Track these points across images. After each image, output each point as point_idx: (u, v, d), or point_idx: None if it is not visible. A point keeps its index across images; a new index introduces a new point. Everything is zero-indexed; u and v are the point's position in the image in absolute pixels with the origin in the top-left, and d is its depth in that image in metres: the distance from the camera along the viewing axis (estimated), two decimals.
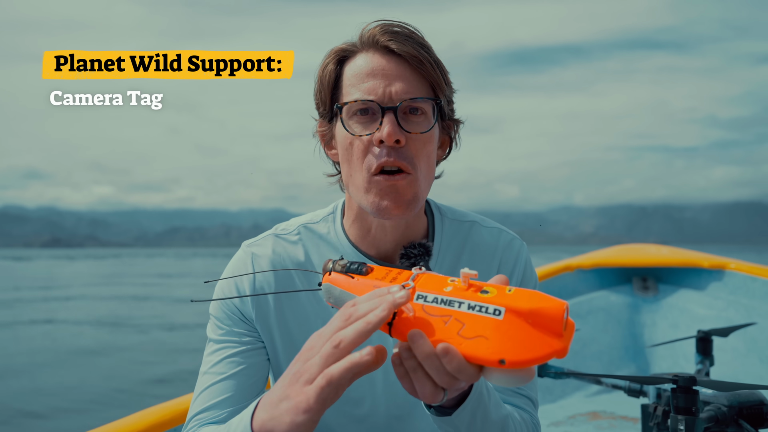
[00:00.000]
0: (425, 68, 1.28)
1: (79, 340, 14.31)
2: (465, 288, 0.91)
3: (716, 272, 4.35)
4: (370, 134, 1.27)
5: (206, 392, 1.33)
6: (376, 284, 0.99)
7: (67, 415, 8.17)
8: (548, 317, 0.83)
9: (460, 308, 0.88)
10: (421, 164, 1.29)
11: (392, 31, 1.29)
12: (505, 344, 0.83)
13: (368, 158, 1.27)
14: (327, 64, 1.33)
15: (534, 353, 0.82)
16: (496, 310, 0.85)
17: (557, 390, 3.68)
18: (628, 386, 2.04)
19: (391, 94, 1.26)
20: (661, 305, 4.42)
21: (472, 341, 0.85)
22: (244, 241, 1.47)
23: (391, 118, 1.25)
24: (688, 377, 1.60)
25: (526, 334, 0.83)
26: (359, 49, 1.32)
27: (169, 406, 2.06)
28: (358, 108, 1.27)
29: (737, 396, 1.69)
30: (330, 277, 1.06)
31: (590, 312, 4.29)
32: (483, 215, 1.55)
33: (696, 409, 1.59)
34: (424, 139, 1.29)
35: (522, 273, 1.48)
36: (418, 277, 0.97)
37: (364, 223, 1.39)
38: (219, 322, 1.40)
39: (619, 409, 3.34)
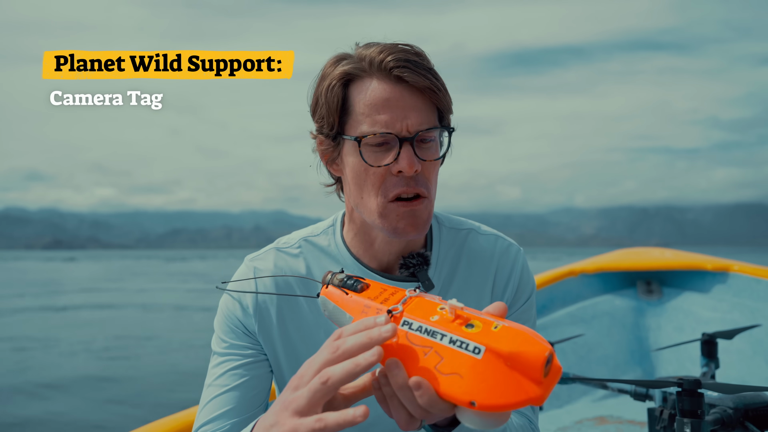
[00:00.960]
0: (436, 97, 1.30)
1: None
2: (452, 319, 0.89)
3: (720, 275, 4.34)
4: (388, 165, 1.29)
5: (210, 404, 1.36)
6: (367, 303, 0.99)
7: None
8: (528, 362, 0.80)
9: (442, 341, 0.87)
10: (432, 187, 1.33)
11: (405, 60, 1.29)
12: (478, 385, 0.82)
13: (385, 187, 1.30)
14: (333, 86, 1.32)
15: (507, 399, 0.80)
16: (476, 348, 0.83)
17: (564, 395, 3.67)
18: (634, 390, 2.03)
19: (408, 127, 1.27)
20: (665, 308, 4.41)
21: (447, 378, 0.84)
22: (247, 255, 1.50)
23: (409, 151, 1.27)
24: (693, 380, 1.60)
25: (503, 377, 0.81)
26: (367, 74, 1.31)
27: (176, 418, 2.08)
28: (374, 141, 1.29)
29: (743, 398, 1.68)
30: (327, 290, 1.06)
31: (595, 316, 4.28)
32: (484, 217, 1.57)
33: (701, 412, 1.59)
34: (435, 164, 1.33)
35: (519, 279, 1.48)
36: (410, 300, 0.96)
37: (367, 237, 1.41)
38: (223, 335, 1.43)
39: (626, 414, 3.32)
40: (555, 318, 4.12)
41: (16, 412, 8.51)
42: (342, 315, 1.02)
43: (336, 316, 1.04)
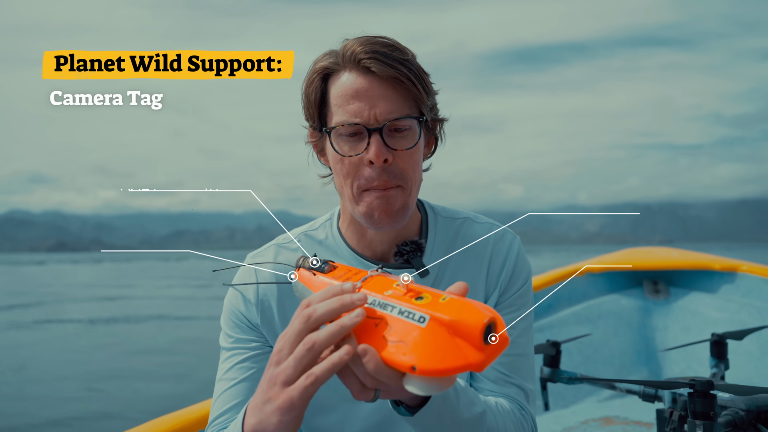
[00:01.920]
0: (406, 87, 1.32)
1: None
2: (404, 293, 0.94)
3: (728, 275, 4.31)
4: (359, 154, 1.32)
5: (221, 398, 1.42)
6: (330, 282, 1.06)
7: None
8: (468, 329, 0.84)
9: (392, 312, 0.92)
10: (410, 176, 1.35)
11: (373, 51, 1.31)
12: (420, 351, 0.85)
13: (358, 177, 1.34)
14: (313, 80, 1.37)
15: (446, 364, 0.84)
16: (421, 318, 0.88)
17: (570, 395, 3.65)
18: (643, 391, 2.01)
19: (376, 116, 1.31)
20: (672, 308, 4.38)
21: (393, 345, 0.88)
22: (249, 253, 1.55)
23: (378, 139, 1.30)
24: (705, 381, 1.58)
25: (444, 343, 0.85)
26: (341, 66, 1.35)
27: (188, 412, 2.11)
28: (345, 132, 1.33)
29: (755, 400, 1.66)
30: (299, 273, 1.15)
31: (601, 316, 4.26)
32: (487, 215, 1.61)
33: (714, 414, 1.57)
34: (411, 153, 1.35)
35: (513, 265, 1.51)
36: (370, 279, 1.01)
37: (359, 226, 1.46)
38: (228, 330, 1.49)
39: (633, 414, 3.31)
40: (561, 317, 4.10)
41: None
42: (308, 293, 1.10)
43: (304, 295, 1.12)
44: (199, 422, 2.04)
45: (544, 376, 2.37)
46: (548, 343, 2.42)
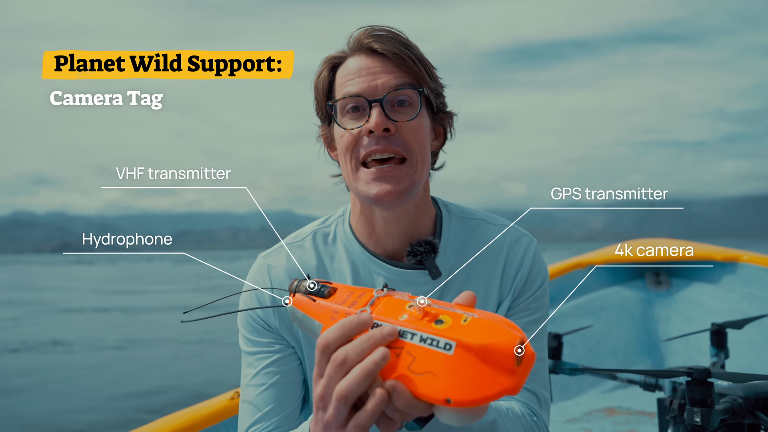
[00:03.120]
0: (407, 63, 1.34)
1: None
2: (420, 317, 0.89)
3: (729, 265, 4.31)
4: (360, 126, 1.33)
5: (251, 405, 1.40)
6: (336, 308, 0.98)
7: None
8: (499, 353, 0.80)
9: (413, 340, 0.86)
10: (415, 150, 1.34)
11: (375, 34, 1.36)
12: (452, 382, 0.81)
13: (357, 148, 1.34)
14: (321, 72, 1.41)
15: (481, 393, 0.80)
16: (446, 345, 0.83)
17: (573, 387, 3.66)
18: (644, 381, 2.02)
19: (377, 87, 1.33)
20: (674, 299, 4.39)
21: (421, 377, 0.83)
22: (261, 252, 1.53)
23: (378, 110, 1.31)
24: (703, 369, 1.59)
25: (476, 371, 0.81)
26: (348, 54, 1.39)
27: (197, 408, 2.13)
28: (348, 104, 1.35)
29: (753, 387, 1.67)
30: (295, 299, 1.05)
31: (603, 308, 4.27)
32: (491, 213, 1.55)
33: (711, 401, 1.58)
34: (414, 126, 1.34)
35: (529, 268, 1.47)
36: (377, 302, 0.95)
37: (368, 220, 1.43)
38: (248, 334, 1.46)
39: (636, 405, 3.32)
40: (564, 310, 4.11)
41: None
42: (311, 323, 1.01)
43: (305, 324, 1.03)
44: (201, 421, 2.04)
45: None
46: (550, 335, 2.44)
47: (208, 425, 2.05)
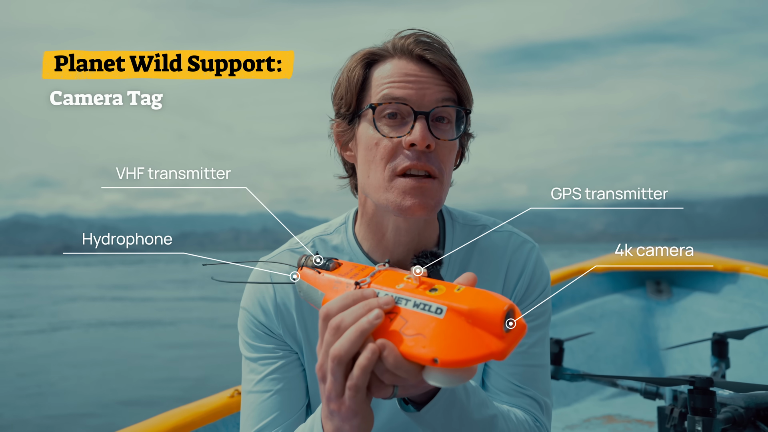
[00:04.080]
0: (456, 80, 1.29)
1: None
2: (416, 285, 0.93)
3: (730, 275, 4.31)
4: (401, 137, 1.26)
5: (255, 412, 1.38)
6: (338, 279, 1.04)
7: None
8: (488, 317, 0.83)
9: (407, 305, 0.90)
10: (446, 170, 1.30)
11: (426, 42, 1.30)
12: (441, 343, 0.84)
13: (395, 159, 1.27)
14: (354, 67, 1.32)
15: (469, 353, 0.82)
16: (438, 309, 0.87)
17: (572, 393, 3.66)
18: (644, 388, 2.01)
19: (424, 98, 1.26)
20: (674, 308, 4.39)
21: (412, 338, 0.87)
22: (262, 257, 1.49)
23: (423, 123, 1.24)
24: (705, 378, 1.59)
25: (464, 333, 0.84)
26: (390, 54, 1.31)
27: (197, 405, 2.11)
28: (390, 110, 1.27)
29: (754, 397, 1.67)
30: (301, 272, 1.11)
31: (604, 315, 4.26)
32: (491, 215, 1.56)
33: (713, 410, 1.57)
34: (450, 146, 1.30)
35: (531, 274, 1.46)
36: (378, 273, 1.00)
37: (378, 228, 1.39)
38: (250, 340, 1.44)
39: (635, 412, 3.31)
40: (564, 316, 4.11)
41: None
42: (315, 292, 1.07)
43: (309, 295, 1.08)
44: (200, 418, 2.04)
45: None
46: (551, 341, 2.43)
47: (208, 422, 2.05)
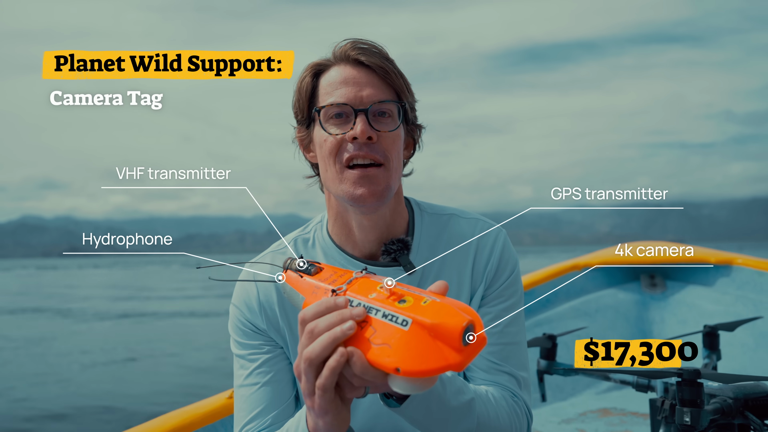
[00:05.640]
0: (390, 77, 1.44)
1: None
2: (387, 296, 0.99)
3: (723, 268, 4.33)
4: (345, 133, 1.40)
5: (246, 404, 1.48)
6: (317, 285, 1.11)
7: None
8: (448, 332, 0.89)
9: (377, 315, 0.97)
10: (392, 158, 1.42)
11: (361, 47, 1.44)
12: (404, 354, 0.90)
13: (342, 153, 1.41)
14: (304, 77, 1.48)
15: (428, 365, 0.88)
16: (404, 321, 0.93)
17: (568, 387, 3.68)
18: (636, 381, 2.04)
19: (362, 98, 1.41)
20: (669, 302, 4.41)
21: (378, 348, 0.93)
22: (251, 259, 1.59)
23: (363, 119, 1.39)
24: (693, 370, 1.61)
25: (426, 346, 0.89)
26: (333, 63, 1.46)
27: (198, 406, 2.15)
28: (334, 112, 1.42)
29: (743, 388, 1.69)
30: (286, 274, 1.19)
31: (598, 310, 4.29)
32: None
33: (701, 401, 1.60)
34: (393, 136, 1.43)
35: (499, 256, 1.55)
36: (355, 281, 1.07)
37: (345, 223, 1.51)
38: (238, 338, 1.55)
39: (630, 406, 3.33)
40: (559, 311, 4.13)
41: None
42: (296, 295, 1.14)
43: (292, 297, 1.16)
44: (198, 420, 2.06)
45: (541, 368, 2.41)
46: (544, 336, 2.46)
47: (206, 424, 2.07)
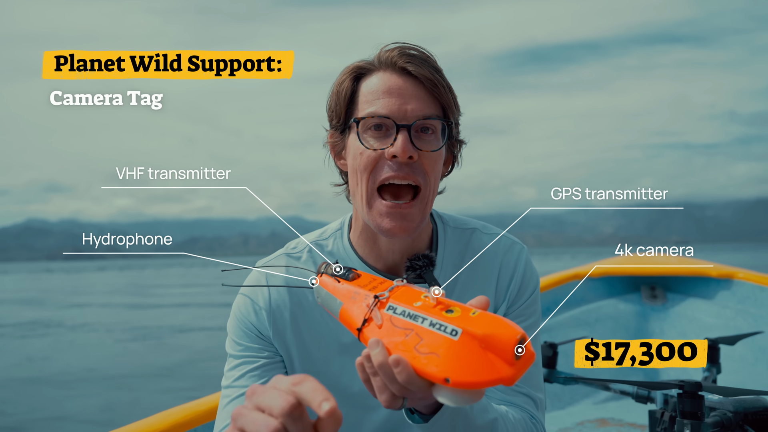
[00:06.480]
0: (438, 91, 1.34)
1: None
2: (433, 305, 0.95)
3: (724, 281, 4.32)
4: (384, 149, 1.31)
5: (231, 406, 1.39)
6: (356, 291, 1.06)
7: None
8: (501, 343, 0.86)
9: (423, 324, 0.93)
10: (430, 180, 1.34)
11: (410, 54, 1.34)
12: (453, 364, 0.87)
13: (377, 170, 1.32)
14: (344, 80, 1.38)
15: (479, 377, 0.85)
16: (453, 331, 0.89)
17: (566, 397, 3.67)
18: (636, 392, 2.03)
19: (406, 112, 1.31)
20: (669, 314, 4.40)
21: (425, 356, 0.89)
22: (258, 261, 1.52)
23: (405, 135, 1.30)
24: (694, 383, 1.61)
25: (477, 357, 0.86)
26: (376, 68, 1.37)
27: (189, 407, 2.11)
28: (373, 123, 1.32)
29: (743, 402, 1.69)
30: (321, 279, 1.13)
31: (599, 320, 4.28)
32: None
33: (701, 414, 1.59)
34: (435, 156, 1.34)
35: (522, 276, 1.50)
36: (396, 289, 1.03)
37: (370, 235, 1.43)
38: (236, 338, 1.46)
39: (628, 416, 3.32)
40: (559, 321, 4.12)
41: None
42: (333, 301, 1.09)
43: (328, 302, 1.11)
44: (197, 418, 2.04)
45: None
46: (545, 345, 2.45)
47: (206, 421, 2.05)
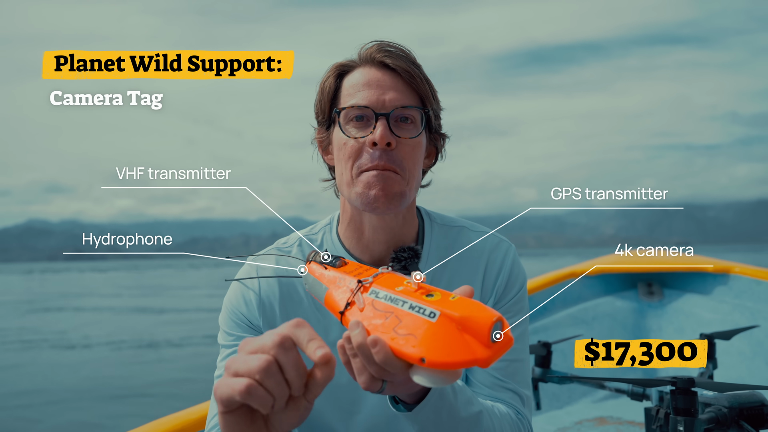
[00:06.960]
0: (416, 82, 1.40)
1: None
2: (415, 290, 0.98)
3: (721, 276, 4.33)
4: (364, 137, 1.37)
5: None
6: (342, 277, 1.09)
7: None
8: (477, 325, 0.88)
9: (403, 306, 0.95)
10: (409, 167, 1.39)
11: (387, 50, 1.41)
12: (430, 345, 0.89)
13: (360, 158, 1.38)
14: (327, 78, 1.45)
15: (455, 357, 0.87)
16: (431, 313, 0.91)
17: (564, 396, 3.68)
18: (631, 390, 2.04)
19: (384, 102, 1.37)
20: (666, 310, 4.41)
21: (403, 338, 0.91)
22: (250, 256, 1.56)
23: (384, 123, 1.36)
24: (687, 379, 1.61)
25: (454, 338, 0.88)
26: (357, 64, 1.43)
27: (188, 413, 2.11)
28: (354, 114, 1.39)
29: (738, 397, 1.69)
30: (309, 267, 1.18)
31: (596, 318, 4.28)
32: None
33: (695, 410, 1.60)
34: (413, 144, 1.39)
35: (508, 273, 1.53)
36: (381, 275, 1.06)
37: (357, 226, 1.48)
38: (228, 329, 1.49)
39: (626, 414, 3.33)
40: (556, 319, 4.12)
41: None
42: (319, 286, 1.13)
43: (314, 288, 1.15)
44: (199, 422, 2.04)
45: (536, 376, 2.41)
46: (539, 344, 2.46)
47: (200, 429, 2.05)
